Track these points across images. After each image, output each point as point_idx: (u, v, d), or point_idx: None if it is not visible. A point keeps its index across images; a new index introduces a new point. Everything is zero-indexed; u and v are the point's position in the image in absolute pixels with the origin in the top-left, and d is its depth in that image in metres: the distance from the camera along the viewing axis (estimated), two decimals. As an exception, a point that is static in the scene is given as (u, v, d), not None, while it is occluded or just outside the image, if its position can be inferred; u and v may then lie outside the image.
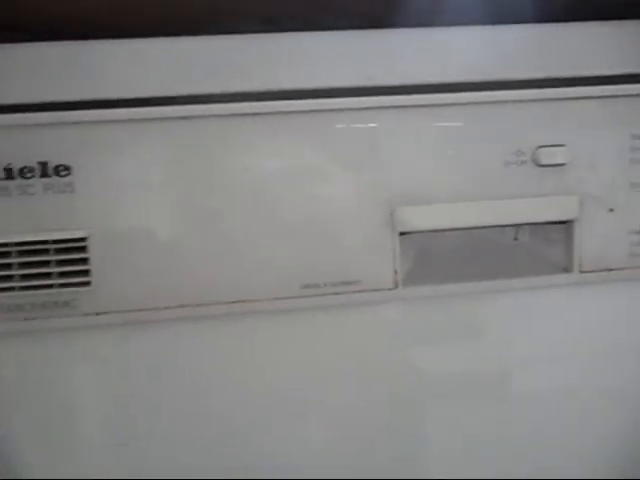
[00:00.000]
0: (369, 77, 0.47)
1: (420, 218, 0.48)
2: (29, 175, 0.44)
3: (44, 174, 0.44)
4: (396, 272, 0.49)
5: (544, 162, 0.48)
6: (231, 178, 0.46)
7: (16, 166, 0.44)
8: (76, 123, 0.44)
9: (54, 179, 0.44)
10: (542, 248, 0.53)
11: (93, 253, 0.45)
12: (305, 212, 0.47)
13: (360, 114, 0.47)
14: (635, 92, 0.49)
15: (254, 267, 0.47)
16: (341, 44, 0.46)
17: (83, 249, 0.45)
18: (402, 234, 0.48)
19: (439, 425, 0.54)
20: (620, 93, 0.49)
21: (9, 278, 0.45)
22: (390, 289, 0.49)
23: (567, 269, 0.51)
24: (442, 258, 0.52)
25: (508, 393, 0.54)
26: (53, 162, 0.44)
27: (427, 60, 0.47)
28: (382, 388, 0.52)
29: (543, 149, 0.48)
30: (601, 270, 0.51)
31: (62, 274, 0.45)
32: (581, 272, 0.50)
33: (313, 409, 0.51)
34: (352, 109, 0.46)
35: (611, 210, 0.50)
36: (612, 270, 0.51)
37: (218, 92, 0.45)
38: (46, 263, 0.45)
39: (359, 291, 0.48)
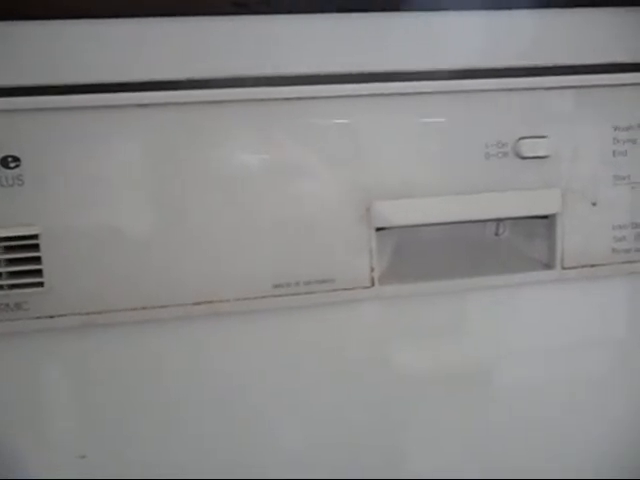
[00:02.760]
0: (344, 64, 0.44)
1: (397, 213, 0.45)
2: (-26, 167, 0.40)
3: (-10, 166, 0.40)
4: (372, 269, 0.46)
5: (526, 154, 0.46)
6: (197, 171, 0.43)
7: (-41, 157, 0.40)
8: (26, 110, 0.40)
9: (1, 171, 0.40)
10: (523, 244, 0.51)
11: (46, 251, 0.42)
12: (277, 207, 0.44)
13: (335, 102, 0.44)
14: (617, 82, 0.47)
15: (222, 265, 0.44)
16: (317, 29, 0.44)
17: (35, 247, 0.42)
18: (379, 230, 0.46)
19: (419, 424, 0.52)
20: (602, 83, 0.47)
21: (-47, 279, 0.41)
22: (366, 287, 0.46)
23: (549, 265, 0.49)
24: (420, 255, 0.50)
25: (488, 391, 0.52)
26: (0, 152, 0.40)
27: (405, 47, 0.45)
28: (358, 389, 0.49)
29: (525, 140, 0.46)
30: (583, 266, 0.49)
31: (12, 274, 0.42)
32: (563, 268, 0.49)
33: (285, 412, 0.49)
34: (326, 97, 0.44)
35: (594, 204, 0.48)
36: (595, 266, 0.49)
37: (183, 78, 0.42)
38: (-6, 263, 0.41)
39: (334, 290, 0.46)
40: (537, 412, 0.53)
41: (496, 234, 0.52)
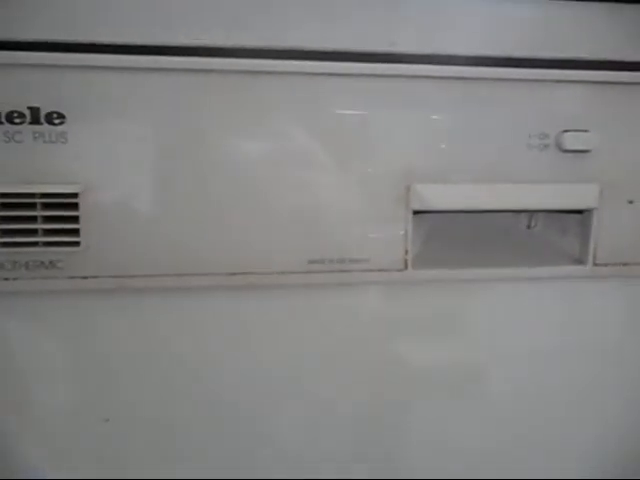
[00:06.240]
0: (391, 43, 0.44)
1: (437, 196, 0.45)
2: (18, 121, 0.40)
3: (35, 121, 0.40)
4: (407, 252, 0.46)
5: (568, 147, 0.46)
6: (241, 141, 0.43)
7: (4, 110, 0.40)
8: (74, 67, 0.40)
9: (45, 127, 0.40)
10: (555, 238, 0.51)
11: (84, 211, 0.41)
12: (316, 184, 0.44)
13: (379, 81, 0.44)
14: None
15: (259, 238, 0.44)
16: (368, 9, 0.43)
17: (73, 206, 0.41)
18: (415, 213, 0.46)
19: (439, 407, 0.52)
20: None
21: (-11, 232, 0.41)
22: (399, 270, 0.46)
23: (580, 261, 0.49)
24: (453, 242, 0.50)
25: (506, 384, 0.52)
26: (46, 108, 0.40)
27: (454, 30, 0.45)
28: (382, 368, 0.49)
29: (568, 133, 0.46)
30: (615, 264, 0.49)
31: (49, 232, 0.41)
32: (595, 265, 0.49)
33: (305, 387, 0.49)
34: (369, 75, 0.43)
35: (630, 202, 0.48)
36: (627, 265, 0.49)
37: (229, 46, 0.42)
38: (32, 219, 0.41)
39: (368, 270, 0.45)
40: (556, 406, 0.53)
41: (528, 227, 0.52)
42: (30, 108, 0.40)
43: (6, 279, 0.42)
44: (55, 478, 0.46)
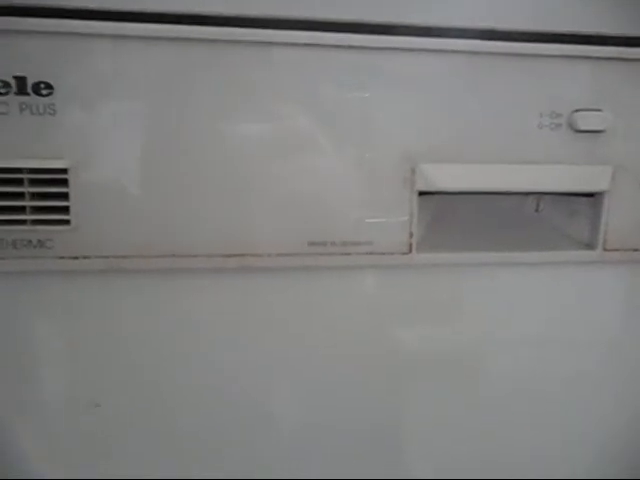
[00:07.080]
0: (396, 15, 0.42)
1: (443, 177, 0.43)
2: (3, 91, 0.38)
3: (21, 91, 0.38)
4: (411, 235, 0.44)
5: (580, 127, 0.44)
6: (239, 119, 0.41)
7: (-12, 79, 0.38)
8: (63, 34, 0.38)
9: (33, 98, 0.38)
10: (564, 222, 0.49)
11: (74, 188, 0.39)
12: (317, 164, 0.42)
13: (383, 57, 0.41)
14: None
15: (257, 218, 0.42)
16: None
17: (63, 182, 0.39)
18: (421, 195, 0.44)
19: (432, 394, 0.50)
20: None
21: (-26, 210, 0.39)
22: (403, 253, 0.44)
23: (590, 246, 0.48)
24: (459, 225, 0.48)
25: (511, 369, 0.50)
26: (33, 78, 0.38)
27: (460, 1, 0.42)
28: (381, 352, 0.48)
29: (580, 113, 0.44)
30: (626, 249, 0.47)
31: (37, 209, 0.40)
32: (605, 250, 0.47)
33: (305, 372, 0.47)
34: (372, 48, 0.41)
35: (643, 185, 0.46)
36: (638, 250, 0.47)
37: (229, 14, 0.40)
38: (19, 195, 0.39)
39: (370, 253, 0.44)
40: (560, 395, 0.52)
41: (536, 210, 0.50)
42: (16, 77, 0.38)
43: (-8, 258, 0.40)
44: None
